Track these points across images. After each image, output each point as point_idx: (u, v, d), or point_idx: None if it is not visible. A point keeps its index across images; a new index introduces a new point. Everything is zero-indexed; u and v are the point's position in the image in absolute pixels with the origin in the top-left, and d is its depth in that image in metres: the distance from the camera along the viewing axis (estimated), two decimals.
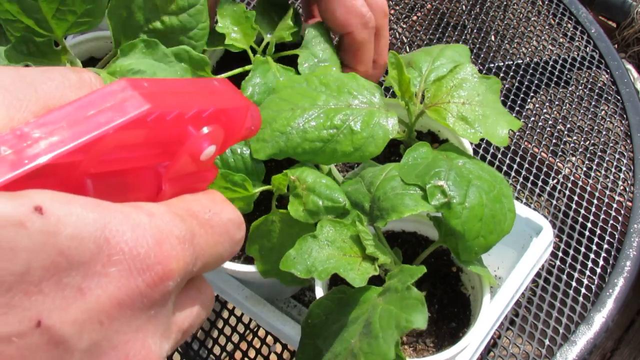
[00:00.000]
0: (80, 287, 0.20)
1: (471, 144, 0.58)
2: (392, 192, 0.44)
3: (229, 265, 0.52)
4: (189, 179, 0.27)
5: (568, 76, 0.92)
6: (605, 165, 0.83)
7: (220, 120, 0.26)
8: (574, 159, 0.83)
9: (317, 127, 0.45)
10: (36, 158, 0.20)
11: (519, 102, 0.88)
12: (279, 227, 0.48)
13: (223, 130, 0.26)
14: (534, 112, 0.89)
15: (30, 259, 0.19)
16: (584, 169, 0.82)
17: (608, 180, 0.81)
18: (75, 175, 0.23)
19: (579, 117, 0.88)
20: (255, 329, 0.71)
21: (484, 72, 0.93)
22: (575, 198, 0.79)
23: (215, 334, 0.71)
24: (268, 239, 0.49)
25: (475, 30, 0.98)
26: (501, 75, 0.92)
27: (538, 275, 0.71)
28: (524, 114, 0.88)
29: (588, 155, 0.84)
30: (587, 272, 0.72)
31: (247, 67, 0.55)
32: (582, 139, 0.85)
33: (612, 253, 0.73)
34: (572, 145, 0.85)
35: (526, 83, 0.91)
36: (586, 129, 0.86)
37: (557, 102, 0.90)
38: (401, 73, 0.49)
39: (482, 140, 0.82)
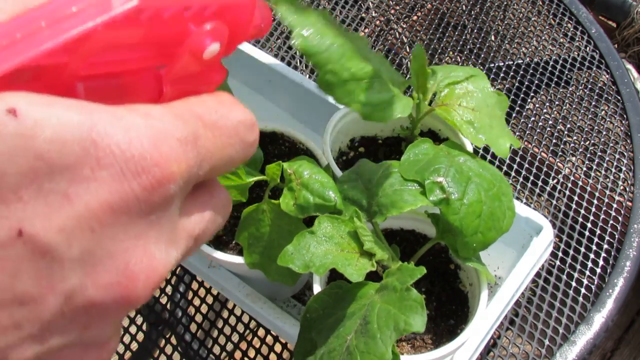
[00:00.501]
0: (66, 192, 0.19)
1: (471, 143, 0.58)
2: (391, 189, 0.44)
3: (220, 255, 0.53)
4: (192, 80, 0.25)
5: (568, 76, 0.92)
6: (605, 165, 0.83)
7: (224, 18, 0.24)
8: (574, 159, 0.83)
9: (353, 63, 0.43)
10: (13, 59, 0.19)
11: (519, 102, 0.88)
12: (269, 217, 0.48)
13: (227, 27, 0.24)
14: (534, 112, 0.89)
15: (4, 164, 0.18)
16: (584, 169, 0.82)
17: (608, 180, 0.81)
18: (64, 78, 0.21)
19: (579, 117, 0.88)
20: (255, 329, 0.71)
21: (484, 72, 0.93)
22: (575, 198, 0.79)
23: (215, 333, 0.71)
24: (257, 228, 0.49)
25: (475, 30, 0.99)
26: (501, 75, 0.92)
27: (538, 275, 0.71)
28: (524, 114, 0.88)
29: (588, 155, 0.84)
30: (587, 272, 0.72)
31: None
32: (582, 139, 0.85)
33: (612, 253, 0.73)
34: (572, 145, 0.85)
35: (526, 83, 0.91)
36: (586, 129, 0.86)
37: (557, 102, 0.90)
38: (423, 67, 0.49)
39: None
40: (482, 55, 0.95)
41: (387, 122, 0.51)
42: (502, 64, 0.94)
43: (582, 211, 0.77)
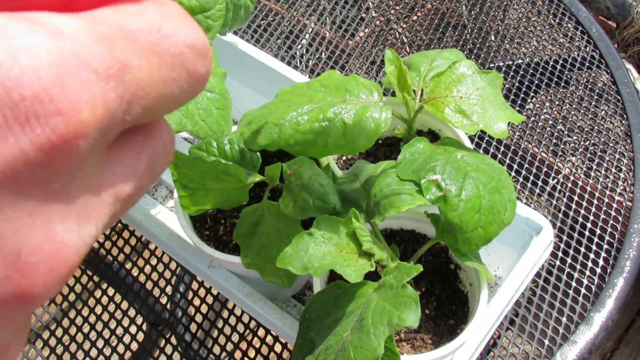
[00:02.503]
0: None
1: (472, 142, 0.58)
2: (388, 188, 0.44)
3: (219, 255, 0.53)
4: None
5: (568, 76, 0.92)
6: (605, 165, 0.83)
7: None
8: (574, 159, 0.83)
9: (310, 119, 0.45)
10: None
11: (519, 102, 0.88)
12: (267, 218, 0.48)
13: None
14: (534, 112, 0.89)
15: None
16: (584, 169, 0.82)
17: (608, 180, 0.81)
18: None
19: (579, 117, 0.88)
20: (255, 329, 0.71)
21: None
22: (575, 198, 0.79)
23: (215, 333, 0.70)
24: (255, 228, 0.49)
25: (475, 30, 0.99)
26: (501, 75, 0.92)
27: (538, 275, 0.71)
28: (524, 114, 0.88)
29: (588, 155, 0.84)
30: (587, 272, 0.72)
31: None
32: (582, 139, 0.85)
33: (612, 253, 0.73)
34: (572, 145, 0.85)
35: (526, 83, 0.91)
36: (586, 129, 0.86)
37: (557, 102, 0.90)
38: (399, 67, 0.49)
39: (482, 139, 0.82)
40: (482, 55, 0.95)
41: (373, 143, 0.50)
42: (502, 64, 0.94)
43: (582, 211, 0.77)
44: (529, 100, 0.89)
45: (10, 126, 0.14)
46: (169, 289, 0.75)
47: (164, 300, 0.74)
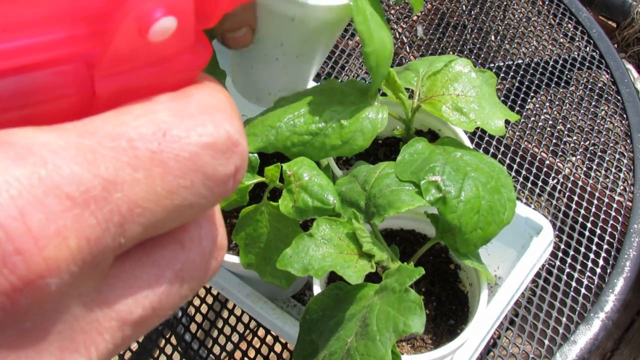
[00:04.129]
0: None
1: (471, 142, 0.58)
2: (388, 189, 0.44)
3: None
4: (146, 71, 0.16)
5: (568, 76, 0.92)
6: (605, 165, 0.83)
7: None
8: (574, 159, 0.83)
9: (307, 121, 0.45)
10: None
11: (519, 102, 0.88)
12: (267, 219, 0.48)
13: None
14: (534, 112, 0.89)
15: None
16: (584, 169, 0.82)
17: (608, 180, 0.81)
18: None
19: (579, 117, 0.88)
20: (255, 329, 0.71)
21: None
22: (575, 198, 0.79)
23: (215, 333, 0.71)
24: (254, 229, 0.49)
25: (475, 30, 0.98)
26: (501, 75, 0.92)
27: (538, 275, 0.71)
28: (524, 114, 0.88)
29: (588, 155, 0.84)
30: (587, 272, 0.72)
31: None
32: (582, 139, 0.85)
33: (612, 253, 0.73)
34: (572, 145, 0.85)
35: (526, 83, 0.91)
36: (586, 129, 0.86)
37: (557, 102, 0.90)
38: (386, 72, 0.49)
39: (482, 139, 0.82)
40: (482, 55, 0.95)
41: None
42: (502, 64, 0.94)
43: (582, 211, 0.77)
44: (529, 100, 0.89)
45: None
46: None
47: None
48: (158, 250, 0.16)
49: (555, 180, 0.80)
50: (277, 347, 0.71)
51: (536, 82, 0.91)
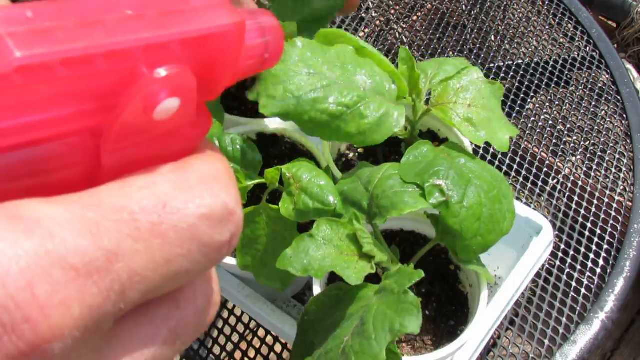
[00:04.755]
0: None
1: (471, 143, 0.58)
2: (391, 190, 0.44)
3: None
4: (150, 144, 0.18)
5: (568, 76, 0.92)
6: (605, 165, 0.83)
7: (194, 54, 0.17)
8: (574, 159, 0.83)
9: (330, 101, 0.45)
10: None
11: (519, 102, 0.88)
12: (265, 221, 0.48)
13: (200, 66, 0.17)
14: (534, 112, 0.89)
15: None
16: (584, 169, 0.82)
17: (608, 180, 0.81)
18: None
19: (579, 117, 0.88)
20: (255, 329, 0.71)
21: (484, 72, 0.93)
22: (575, 198, 0.79)
23: (215, 333, 0.71)
24: (252, 231, 0.49)
25: (475, 30, 0.98)
26: (501, 75, 0.92)
27: (538, 275, 0.71)
28: (524, 114, 0.88)
29: (588, 155, 0.84)
30: (587, 272, 0.72)
31: None
32: (582, 139, 0.85)
33: (612, 253, 0.73)
34: (572, 145, 0.85)
35: (526, 83, 0.91)
36: (586, 129, 0.86)
37: (557, 102, 0.90)
38: (412, 69, 0.49)
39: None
40: (482, 55, 0.95)
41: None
42: (502, 64, 0.94)
43: (582, 211, 0.77)
44: (529, 100, 0.89)
45: None
46: None
47: None
48: (154, 309, 0.17)
49: (555, 180, 0.80)
50: (277, 347, 0.71)
51: (536, 82, 0.91)
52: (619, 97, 0.89)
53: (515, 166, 0.81)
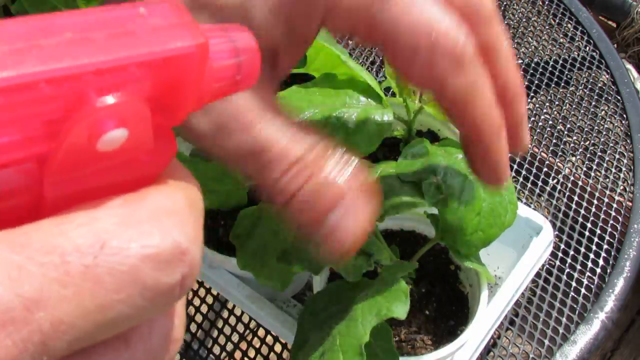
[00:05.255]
0: None
1: None
2: (388, 189, 0.44)
3: (218, 256, 0.52)
4: (97, 177, 0.16)
5: (568, 76, 0.92)
6: (605, 165, 0.83)
7: (150, 78, 0.15)
8: (574, 159, 0.83)
9: (312, 124, 0.45)
10: None
11: None
12: (264, 221, 0.48)
13: (152, 98, 0.16)
14: (534, 112, 0.89)
15: None
16: (584, 169, 0.82)
17: (608, 180, 0.81)
18: None
19: (579, 117, 0.88)
20: (255, 329, 0.71)
21: None
22: (575, 198, 0.79)
23: (215, 333, 0.71)
24: (252, 230, 0.49)
25: None
26: None
27: (538, 275, 0.71)
28: None
29: (588, 155, 0.84)
30: (587, 272, 0.72)
31: None
32: (582, 139, 0.85)
33: (612, 253, 0.73)
34: (572, 145, 0.85)
35: (526, 83, 0.91)
36: (586, 129, 0.86)
37: (557, 102, 0.90)
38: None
39: None
40: None
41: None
42: None
43: (582, 211, 0.77)
44: (529, 100, 0.90)
45: None
46: None
47: None
48: (100, 349, 0.15)
49: (555, 180, 0.80)
50: (277, 347, 0.71)
51: (536, 82, 0.91)
52: (619, 97, 0.89)
53: (515, 166, 0.81)
